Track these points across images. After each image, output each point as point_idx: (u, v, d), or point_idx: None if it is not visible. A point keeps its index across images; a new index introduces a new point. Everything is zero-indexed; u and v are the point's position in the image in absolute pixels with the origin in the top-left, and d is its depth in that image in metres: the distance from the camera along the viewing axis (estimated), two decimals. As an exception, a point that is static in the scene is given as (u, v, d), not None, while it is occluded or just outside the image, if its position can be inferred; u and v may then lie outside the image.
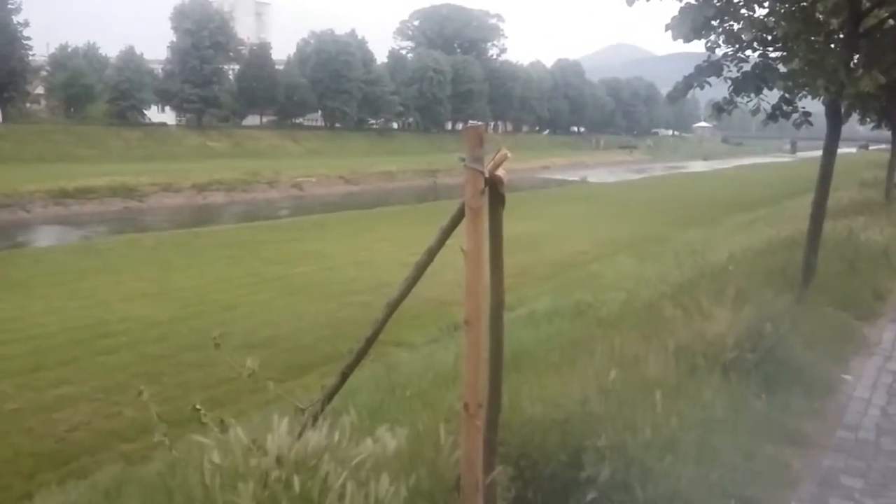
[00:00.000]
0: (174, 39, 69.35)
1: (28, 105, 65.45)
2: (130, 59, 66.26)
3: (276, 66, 79.35)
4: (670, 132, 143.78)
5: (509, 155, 2.85)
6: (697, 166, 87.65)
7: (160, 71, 71.04)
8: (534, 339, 8.02)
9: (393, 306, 3.31)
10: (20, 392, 10.79)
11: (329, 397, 3.49)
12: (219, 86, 70.32)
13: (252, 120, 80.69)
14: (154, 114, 72.59)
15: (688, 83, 9.35)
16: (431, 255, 3.11)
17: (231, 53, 74.41)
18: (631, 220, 31.55)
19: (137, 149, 60.99)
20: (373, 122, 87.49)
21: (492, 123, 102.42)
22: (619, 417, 3.80)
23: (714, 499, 3.80)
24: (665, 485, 3.52)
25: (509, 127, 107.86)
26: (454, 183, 58.15)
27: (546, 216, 29.57)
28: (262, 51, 79.97)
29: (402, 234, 24.65)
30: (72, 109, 65.87)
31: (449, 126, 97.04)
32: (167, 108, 74.04)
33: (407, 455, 3.26)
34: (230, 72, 75.66)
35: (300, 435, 3.17)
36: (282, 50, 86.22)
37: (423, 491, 3.03)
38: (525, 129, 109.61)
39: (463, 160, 2.80)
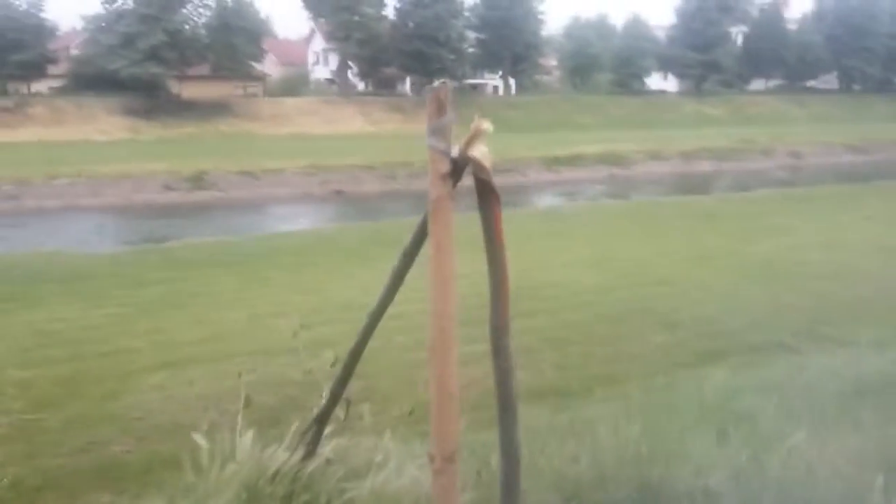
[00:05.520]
0: (680, 2, 68.96)
1: (540, 77, 71.26)
2: (635, 27, 67.66)
3: (788, 26, 73.93)
4: None
5: (489, 128, 2.09)
6: None
7: (664, 37, 71.42)
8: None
9: (375, 316, 2.76)
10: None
11: (319, 419, 2.86)
12: (722, 49, 68.09)
13: (757, 84, 76.62)
14: (657, 81, 73.41)
15: None
16: (398, 275, 2.60)
17: (738, 14, 71.35)
18: None
19: (634, 116, 62.37)
20: (899, 82, 76.63)
21: None
22: None
23: None
24: None
25: None
26: None
27: None
28: (774, 10, 75.02)
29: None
30: (578, 80, 69.90)
31: None
32: (670, 76, 74.29)
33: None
34: (738, 35, 72.79)
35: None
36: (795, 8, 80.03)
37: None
38: None
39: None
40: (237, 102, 58.99)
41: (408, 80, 70.07)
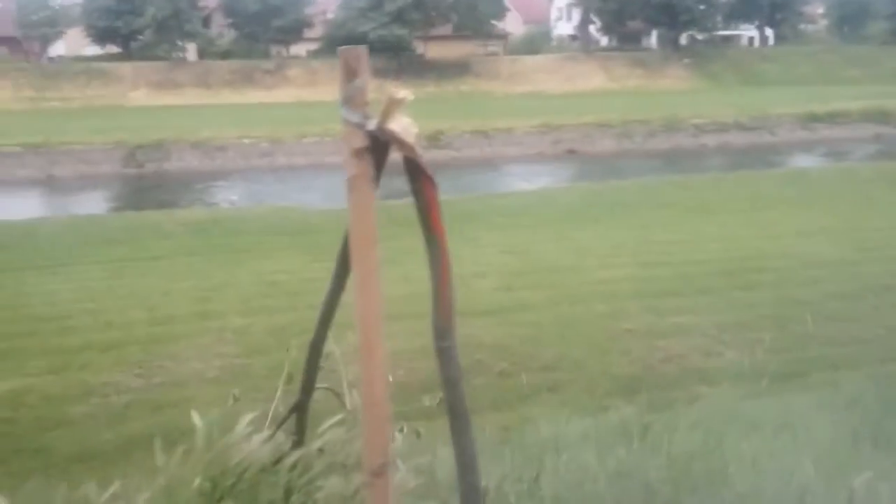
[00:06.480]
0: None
1: (804, 26, 65.22)
2: (918, -33, 59.86)
3: None
4: None
5: (407, 96, 1.68)
6: None
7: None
8: None
9: (329, 305, 2.44)
10: (641, 315, 10.83)
11: (297, 408, 2.64)
12: None
13: None
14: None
15: None
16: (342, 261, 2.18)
17: None
18: None
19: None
20: None
21: None
22: None
23: None
24: None
25: None
26: None
27: None
28: None
29: None
30: (847, 29, 63.13)
31: None
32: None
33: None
34: None
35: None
36: None
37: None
38: None
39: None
40: (477, 62, 59.74)
41: (654, 34, 67.15)
